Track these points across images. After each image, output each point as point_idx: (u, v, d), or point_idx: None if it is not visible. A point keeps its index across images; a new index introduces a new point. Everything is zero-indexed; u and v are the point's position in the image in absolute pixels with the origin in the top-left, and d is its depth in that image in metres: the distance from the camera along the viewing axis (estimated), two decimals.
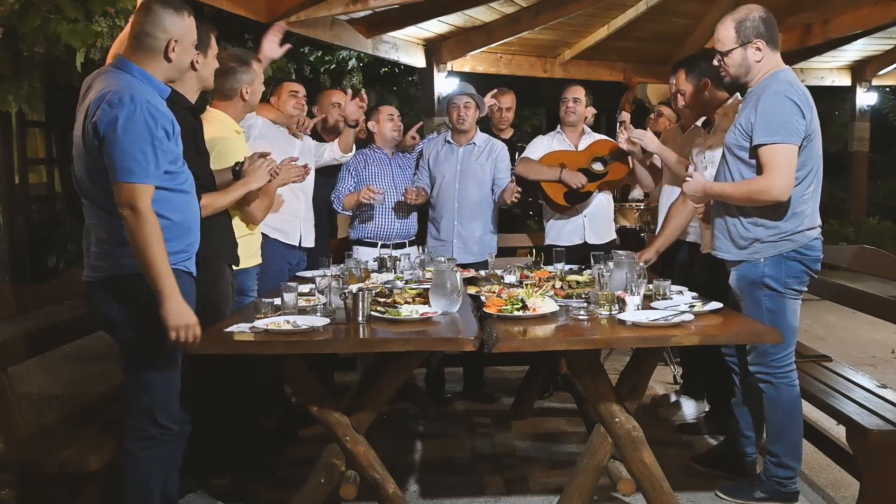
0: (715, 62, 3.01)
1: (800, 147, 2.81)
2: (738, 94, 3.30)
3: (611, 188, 4.52)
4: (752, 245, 2.90)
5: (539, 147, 4.41)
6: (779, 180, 2.77)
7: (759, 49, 2.88)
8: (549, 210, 4.43)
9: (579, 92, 4.37)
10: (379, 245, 4.30)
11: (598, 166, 4.30)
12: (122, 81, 2.35)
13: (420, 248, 4.36)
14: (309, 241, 3.97)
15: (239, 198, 3.14)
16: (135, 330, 2.40)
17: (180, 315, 2.33)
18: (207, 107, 3.43)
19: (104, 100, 2.28)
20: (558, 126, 4.51)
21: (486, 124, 4.68)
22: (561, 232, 4.37)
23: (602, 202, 4.41)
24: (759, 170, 2.82)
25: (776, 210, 2.85)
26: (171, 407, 2.48)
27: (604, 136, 4.58)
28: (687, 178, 3.06)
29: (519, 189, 4.12)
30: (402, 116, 4.60)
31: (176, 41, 2.42)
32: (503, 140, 4.53)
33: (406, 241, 4.38)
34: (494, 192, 4.31)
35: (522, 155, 4.40)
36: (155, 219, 2.30)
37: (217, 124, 3.30)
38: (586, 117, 4.47)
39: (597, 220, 4.39)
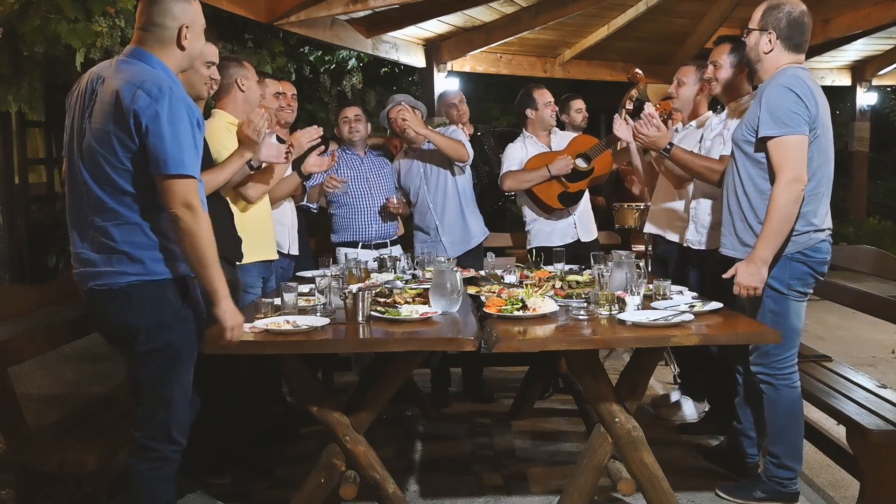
0: (743, 37, 2.99)
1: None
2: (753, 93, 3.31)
3: (599, 183, 4.53)
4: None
5: (515, 156, 4.38)
6: (793, 173, 2.74)
7: (769, 41, 2.86)
8: (538, 211, 4.40)
9: (551, 94, 4.41)
10: (360, 246, 4.29)
11: (582, 163, 4.31)
12: (148, 72, 2.24)
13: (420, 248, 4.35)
14: (295, 249, 3.98)
15: (237, 169, 3.13)
16: (160, 340, 2.29)
17: (235, 315, 2.31)
18: (213, 110, 3.45)
19: (139, 89, 2.17)
20: (524, 130, 4.49)
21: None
22: (553, 231, 4.36)
23: (586, 200, 4.46)
24: (768, 164, 2.81)
25: None
26: (184, 420, 2.40)
27: (575, 133, 4.59)
28: (738, 277, 2.86)
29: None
30: None
31: (187, 27, 2.33)
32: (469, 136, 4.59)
33: (387, 240, 4.36)
34: (464, 170, 4.34)
35: (503, 171, 4.36)
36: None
37: (214, 121, 3.33)
38: None
39: (585, 219, 4.43)
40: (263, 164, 3.36)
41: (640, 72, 4.63)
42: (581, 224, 4.39)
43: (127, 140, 2.20)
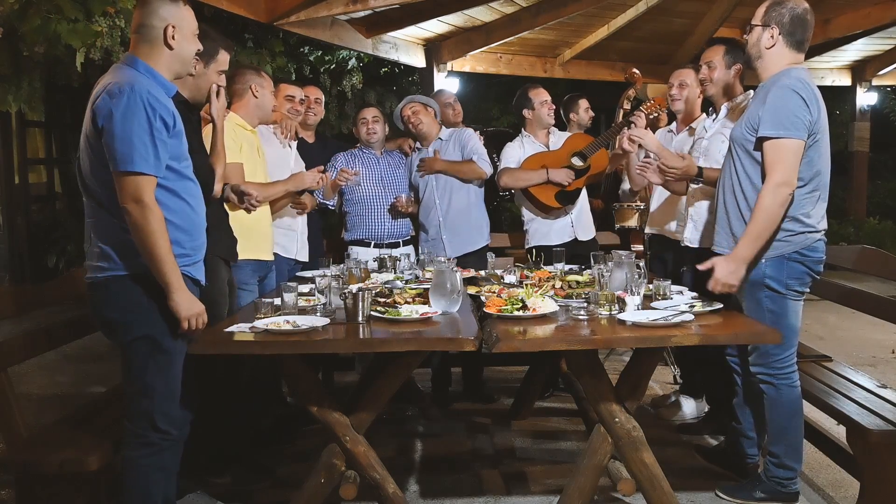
0: (745, 34, 3.00)
1: (805, 145, 2.80)
2: (750, 91, 3.32)
3: (596, 181, 4.54)
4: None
5: (513, 155, 4.40)
6: (784, 177, 2.75)
7: (772, 36, 2.86)
8: (535, 210, 4.42)
9: (547, 93, 4.42)
10: (372, 245, 4.30)
11: (577, 161, 4.32)
12: (125, 74, 2.35)
13: (422, 247, 4.36)
14: (304, 255, 3.99)
15: (276, 196, 3.48)
16: (137, 331, 2.38)
17: (190, 305, 2.36)
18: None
19: (105, 90, 2.29)
20: (522, 130, 4.51)
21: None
22: (550, 231, 4.38)
23: (583, 199, 4.47)
24: (762, 164, 2.81)
25: None
26: (171, 411, 2.46)
27: (570, 133, 4.60)
28: (717, 272, 2.86)
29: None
30: None
31: (174, 27, 2.40)
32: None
33: (400, 240, 4.38)
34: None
35: (501, 167, 4.39)
36: (160, 212, 2.29)
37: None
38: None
39: (583, 218, 4.44)
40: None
41: (637, 72, 4.64)
42: (578, 223, 4.40)
43: (94, 140, 2.31)
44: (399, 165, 4.46)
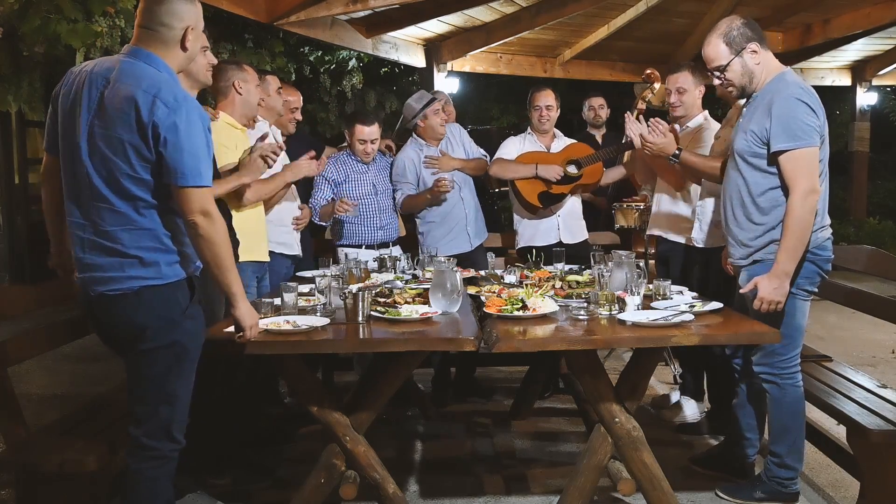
0: (716, 82, 3.01)
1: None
2: None
3: (584, 191, 4.56)
4: (767, 247, 2.88)
5: (511, 148, 4.44)
6: (809, 185, 2.75)
7: (755, 52, 2.88)
8: (522, 211, 4.46)
9: (551, 98, 4.41)
10: (363, 247, 4.30)
11: (572, 169, 4.34)
12: (157, 78, 2.22)
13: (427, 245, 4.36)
14: (298, 250, 3.97)
15: (232, 190, 3.22)
16: (168, 337, 2.28)
17: (251, 315, 2.41)
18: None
19: (156, 98, 2.16)
20: (528, 128, 4.55)
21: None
22: (536, 232, 4.41)
23: (574, 203, 4.49)
24: (780, 177, 2.81)
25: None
26: (184, 419, 2.39)
27: (574, 140, 4.62)
28: (761, 291, 2.82)
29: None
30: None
31: (192, 28, 2.32)
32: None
33: (389, 241, 4.38)
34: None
35: (496, 156, 4.43)
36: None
37: (214, 121, 3.33)
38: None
39: (570, 220, 4.46)
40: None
41: (655, 72, 4.58)
42: (565, 226, 4.41)
43: (144, 150, 2.18)
44: (386, 167, 4.44)
